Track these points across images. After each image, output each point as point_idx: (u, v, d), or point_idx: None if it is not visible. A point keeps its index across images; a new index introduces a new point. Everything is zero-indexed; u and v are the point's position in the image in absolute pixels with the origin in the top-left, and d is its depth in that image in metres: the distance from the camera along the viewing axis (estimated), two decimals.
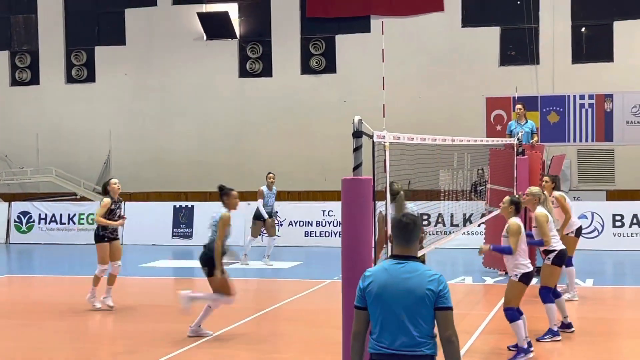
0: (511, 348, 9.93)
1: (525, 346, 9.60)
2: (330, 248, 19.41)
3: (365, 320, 5.04)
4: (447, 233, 18.47)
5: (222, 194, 11.03)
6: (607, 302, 13.79)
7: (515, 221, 9.69)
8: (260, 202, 17.84)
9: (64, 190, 26.00)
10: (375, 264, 6.55)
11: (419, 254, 5.52)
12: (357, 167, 6.42)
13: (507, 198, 10.10)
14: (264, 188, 17.90)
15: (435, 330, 4.99)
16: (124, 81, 26.72)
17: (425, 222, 20.56)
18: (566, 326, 10.90)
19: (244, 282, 15.07)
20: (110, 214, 13.04)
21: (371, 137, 6.80)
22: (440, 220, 20.81)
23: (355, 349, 5.05)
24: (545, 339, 10.40)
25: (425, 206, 17.59)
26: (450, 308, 4.94)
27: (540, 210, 10.68)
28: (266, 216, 17.77)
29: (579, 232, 13.71)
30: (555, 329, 10.41)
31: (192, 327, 10.94)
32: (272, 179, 18.06)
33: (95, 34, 27.21)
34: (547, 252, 10.73)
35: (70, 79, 27.32)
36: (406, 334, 4.89)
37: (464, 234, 19.55)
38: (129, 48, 26.71)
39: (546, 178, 13.87)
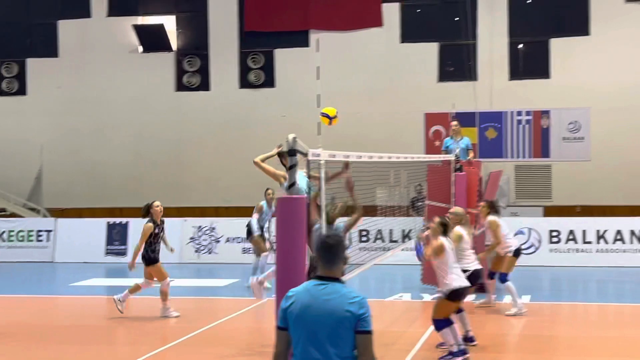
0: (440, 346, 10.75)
1: (455, 349, 10.17)
2: (268, 265, 19.43)
3: (287, 341, 5.01)
4: (386, 249, 18.66)
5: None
6: (544, 319, 14.03)
7: (441, 240, 10.43)
8: (255, 217, 17.10)
9: None
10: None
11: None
12: (291, 186, 6.50)
13: (437, 219, 10.70)
14: (263, 204, 17.06)
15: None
16: (56, 94, 26.39)
17: (364, 239, 20.82)
18: (469, 339, 11.10)
19: (180, 300, 14.97)
20: (154, 237, 13.53)
21: (306, 155, 6.89)
22: (379, 236, 21.04)
23: None
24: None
25: (364, 223, 17.82)
26: (370, 332, 4.90)
27: (457, 229, 11.47)
28: (258, 232, 16.97)
29: (517, 252, 14.10)
30: (455, 349, 10.36)
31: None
32: (271, 195, 16.78)
33: (27, 45, 26.80)
34: (463, 271, 11.12)
35: (0, 92, 26.91)
36: (326, 356, 4.86)
37: (402, 250, 19.77)
38: (62, 60, 26.40)
39: (482, 203, 14.36)
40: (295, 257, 6.40)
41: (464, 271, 11.25)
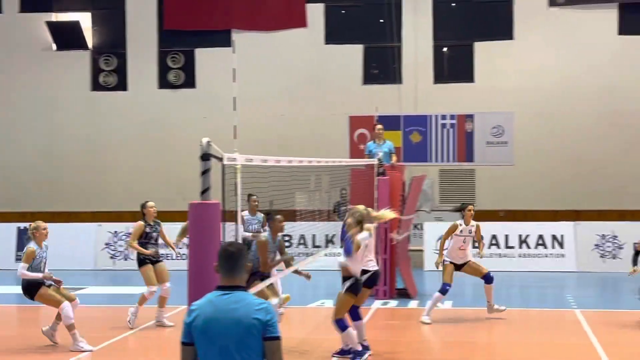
0: (335, 355, 11.00)
1: (360, 348, 10.56)
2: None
3: (193, 356, 4.97)
4: (309, 255, 18.66)
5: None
6: (466, 325, 14.14)
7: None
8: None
9: None
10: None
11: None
12: (205, 191, 6.41)
13: (354, 214, 10.89)
14: (245, 213, 15.04)
15: None
16: None
17: (287, 244, 20.76)
18: (364, 347, 11.18)
19: (90, 309, 14.68)
20: (145, 237, 13.42)
21: (221, 159, 6.80)
22: (302, 241, 21.05)
23: None
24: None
25: (288, 228, 17.78)
26: (279, 338, 4.93)
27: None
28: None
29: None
30: (359, 347, 10.82)
31: None
32: (255, 202, 15.22)
33: None
34: (363, 272, 11.32)
35: None
36: None
37: (325, 255, 19.76)
38: None
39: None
40: (208, 264, 6.30)
41: (365, 272, 11.39)
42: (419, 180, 18.64)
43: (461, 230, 14.41)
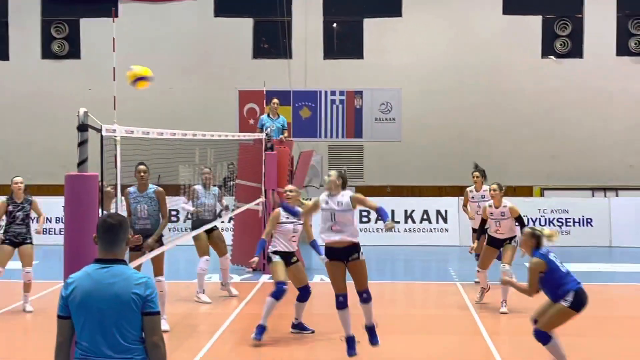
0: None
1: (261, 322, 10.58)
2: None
3: (70, 330, 4.88)
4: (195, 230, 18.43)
5: None
6: (351, 298, 14.28)
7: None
8: (184, 204, 13.85)
9: None
10: None
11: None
12: (82, 163, 6.23)
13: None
14: (198, 187, 13.65)
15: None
16: None
17: (174, 219, 20.53)
18: (302, 327, 11.28)
19: None
20: (10, 216, 12.53)
21: (99, 130, 6.64)
22: (189, 216, 20.82)
23: (60, 359, 4.92)
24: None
25: (173, 202, 17.56)
26: (158, 313, 4.90)
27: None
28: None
29: None
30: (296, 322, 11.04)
31: None
32: (207, 175, 13.66)
33: None
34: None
35: None
36: (113, 341, 4.80)
37: (214, 229, 19.66)
38: None
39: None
40: (85, 238, 6.14)
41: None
42: (307, 156, 18.70)
43: (472, 197, 14.77)
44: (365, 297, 9.68)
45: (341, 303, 9.69)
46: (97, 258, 4.97)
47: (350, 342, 9.77)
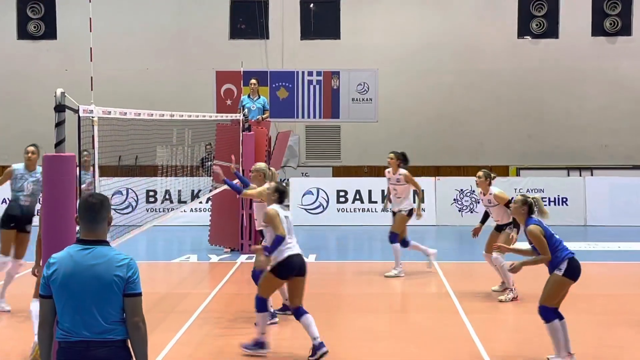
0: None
1: (260, 340, 9.37)
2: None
3: (51, 309, 4.88)
4: (171, 210, 18.48)
5: None
6: (330, 277, 14.38)
7: (275, 209, 9.25)
8: None
9: None
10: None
11: None
12: (59, 144, 6.24)
13: (271, 184, 9.86)
14: (16, 167, 11.41)
15: None
16: None
17: (152, 199, 20.54)
18: (287, 308, 11.14)
19: None
20: None
21: (76, 111, 6.64)
22: (167, 197, 20.82)
23: (42, 338, 4.91)
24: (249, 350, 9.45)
25: (149, 182, 17.58)
26: (139, 294, 4.90)
27: (265, 185, 10.63)
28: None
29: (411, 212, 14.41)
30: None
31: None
32: (31, 154, 11.40)
33: None
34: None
35: None
36: (94, 322, 4.80)
37: (192, 210, 19.68)
38: None
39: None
40: (63, 217, 6.16)
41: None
42: (284, 136, 18.72)
43: (389, 179, 14.51)
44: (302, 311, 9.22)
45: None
46: (79, 238, 4.96)
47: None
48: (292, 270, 9.10)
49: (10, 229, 11.04)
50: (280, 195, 9.38)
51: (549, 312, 8.47)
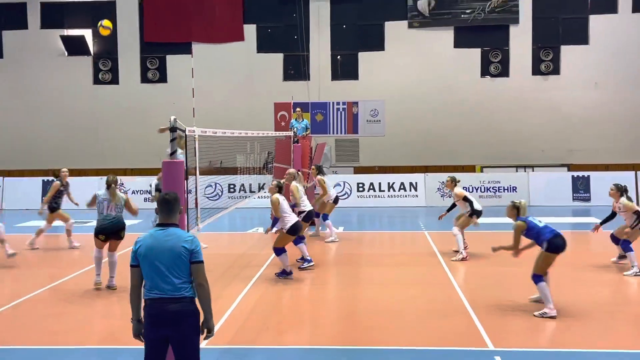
0: (277, 274, 10.60)
1: (287, 270, 10.40)
2: None
3: (139, 276, 4.74)
4: (246, 197, 18.57)
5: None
6: (353, 243, 14.39)
7: (276, 196, 10.42)
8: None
9: None
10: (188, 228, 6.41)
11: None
12: (173, 153, 6.30)
13: (273, 182, 10.68)
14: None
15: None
16: (2, 86, 24.55)
17: (232, 190, 20.65)
18: (307, 260, 11.07)
19: None
20: (58, 193, 13.06)
21: (184, 131, 6.70)
22: (242, 188, 20.94)
23: (133, 298, 4.79)
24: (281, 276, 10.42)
25: (231, 178, 17.65)
26: (201, 262, 4.71)
27: (293, 183, 11.62)
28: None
29: (336, 200, 14.38)
30: (288, 269, 10.38)
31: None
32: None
33: None
34: (300, 212, 11.21)
35: None
36: (169, 283, 4.64)
37: (259, 197, 19.79)
38: (6, 60, 24.56)
39: (313, 167, 14.51)
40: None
41: (301, 212, 11.37)
42: (321, 146, 18.72)
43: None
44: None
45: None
46: (158, 223, 4.86)
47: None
48: (296, 231, 10.35)
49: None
50: (279, 189, 10.48)
51: (539, 277, 8.21)
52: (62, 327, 8.00)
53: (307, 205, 11.71)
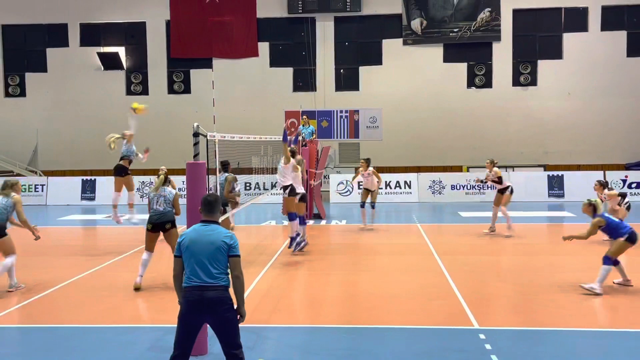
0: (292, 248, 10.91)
1: (294, 235, 10.79)
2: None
3: (181, 265, 4.74)
4: (260, 194, 18.58)
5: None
6: (354, 233, 14.32)
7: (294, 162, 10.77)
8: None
9: (3, 169, 23.75)
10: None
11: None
12: (196, 155, 6.30)
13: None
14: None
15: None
16: (46, 97, 24.65)
17: (248, 188, 20.65)
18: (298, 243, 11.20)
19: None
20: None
21: (205, 136, 6.70)
22: (257, 186, 20.95)
23: (176, 285, 4.79)
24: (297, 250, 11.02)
25: (247, 177, 17.63)
26: (238, 256, 4.72)
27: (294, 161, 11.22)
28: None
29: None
30: (295, 236, 10.93)
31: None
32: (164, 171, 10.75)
33: (25, 64, 24.86)
34: (285, 187, 11.16)
35: (7, 94, 24.88)
36: (208, 272, 4.65)
37: (271, 194, 19.79)
38: (50, 74, 24.65)
39: (363, 160, 14.48)
40: (199, 201, 6.16)
41: (286, 187, 11.37)
42: (326, 150, 18.70)
43: (362, 173, 14.45)
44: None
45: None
46: (201, 219, 4.89)
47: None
48: (292, 193, 10.58)
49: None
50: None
51: (609, 260, 8.24)
52: (102, 306, 8.01)
53: (301, 189, 11.40)
